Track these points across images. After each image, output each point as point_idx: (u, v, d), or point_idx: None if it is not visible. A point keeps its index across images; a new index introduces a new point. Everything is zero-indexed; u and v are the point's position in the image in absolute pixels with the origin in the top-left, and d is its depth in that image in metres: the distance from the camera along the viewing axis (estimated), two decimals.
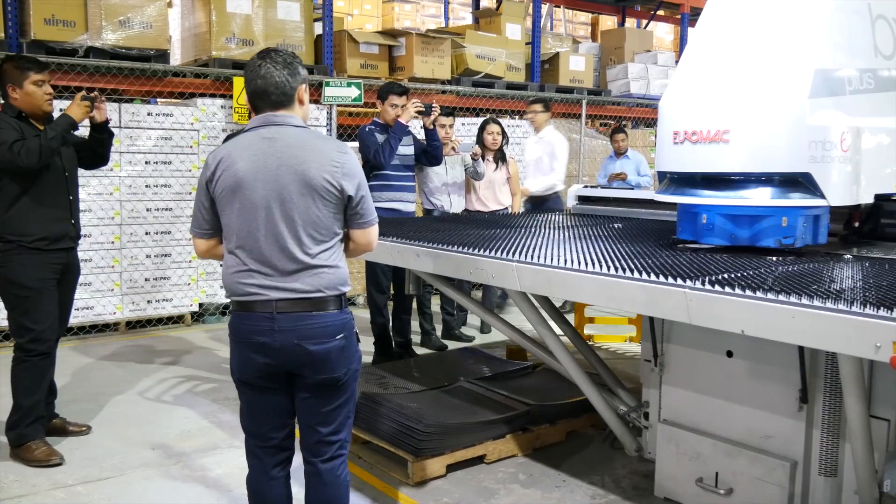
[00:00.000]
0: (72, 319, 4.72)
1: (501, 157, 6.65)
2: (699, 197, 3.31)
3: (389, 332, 5.80)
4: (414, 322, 6.11)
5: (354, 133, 7.78)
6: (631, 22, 13.61)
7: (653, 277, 2.74)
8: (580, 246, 3.60)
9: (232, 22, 7.26)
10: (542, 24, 11.87)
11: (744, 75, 3.24)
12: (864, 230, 3.84)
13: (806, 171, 3.10)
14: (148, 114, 6.85)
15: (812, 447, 3.16)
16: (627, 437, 3.94)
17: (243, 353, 2.61)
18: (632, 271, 2.82)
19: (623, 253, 3.33)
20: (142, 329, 6.97)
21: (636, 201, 5.29)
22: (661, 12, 13.50)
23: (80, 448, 4.21)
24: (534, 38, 10.01)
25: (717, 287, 2.54)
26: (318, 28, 8.13)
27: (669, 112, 3.40)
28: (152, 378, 5.54)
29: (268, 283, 2.55)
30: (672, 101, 3.41)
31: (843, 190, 3.20)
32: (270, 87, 2.59)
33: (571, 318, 6.06)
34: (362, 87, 7.84)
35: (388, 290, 5.76)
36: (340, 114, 8.08)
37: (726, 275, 2.72)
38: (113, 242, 6.73)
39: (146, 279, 6.92)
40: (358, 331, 2.76)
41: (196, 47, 7.50)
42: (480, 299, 6.84)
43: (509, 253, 3.37)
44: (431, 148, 5.77)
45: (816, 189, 3.12)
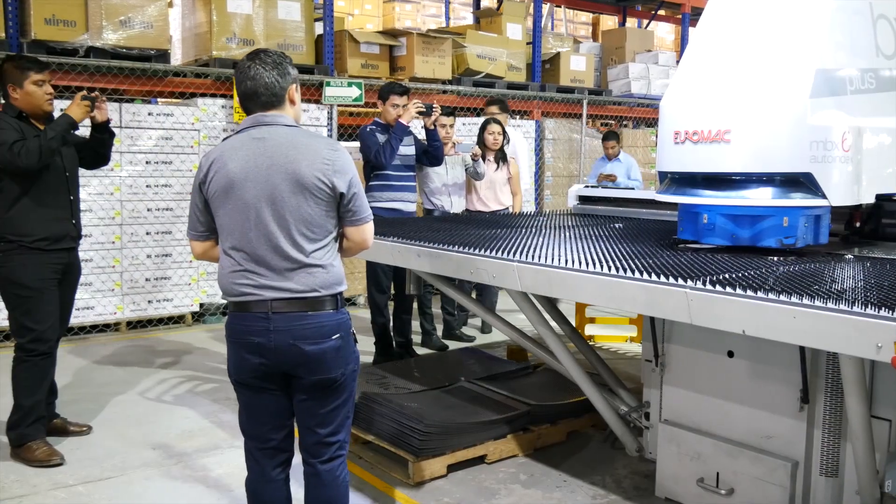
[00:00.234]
0: (72, 319, 4.72)
1: (502, 157, 6.65)
2: (700, 197, 3.31)
3: (390, 332, 5.80)
4: (414, 322, 6.11)
5: (355, 133, 7.78)
6: (632, 22, 13.60)
7: (654, 277, 2.73)
8: (581, 246, 3.60)
9: (232, 22, 7.25)
10: (543, 24, 11.88)
11: (745, 75, 3.24)
12: (865, 230, 3.84)
13: (807, 171, 3.10)
14: (149, 114, 6.85)
15: (813, 447, 3.16)
16: (628, 438, 3.94)
17: (239, 354, 2.61)
18: (633, 271, 2.82)
19: (624, 253, 3.33)
20: (142, 329, 6.97)
21: (637, 201, 5.28)
22: (662, 12, 13.50)
23: (81, 448, 4.21)
24: (534, 38, 10.00)
25: (719, 287, 2.54)
26: (319, 28, 8.12)
27: (670, 112, 3.40)
28: (153, 378, 5.54)
29: (263, 283, 2.54)
30: (673, 101, 3.41)
31: (845, 190, 3.20)
32: (260, 88, 2.58)
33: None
34: (363, 87, 7.85)
35: (389, 290, 5.76)
36: (341, 114, 8.08)
37: (727, 275, 2.72)
38: (113, 242, 6.73)
39: (147, 279, 6.92)
40: (355, 331, 2.75)
41: (197, 47, 7.51)
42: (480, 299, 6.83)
43: (510, 253, 3.36)
44: (432, 148, 5.76)
45: (818, 189, 3.12)
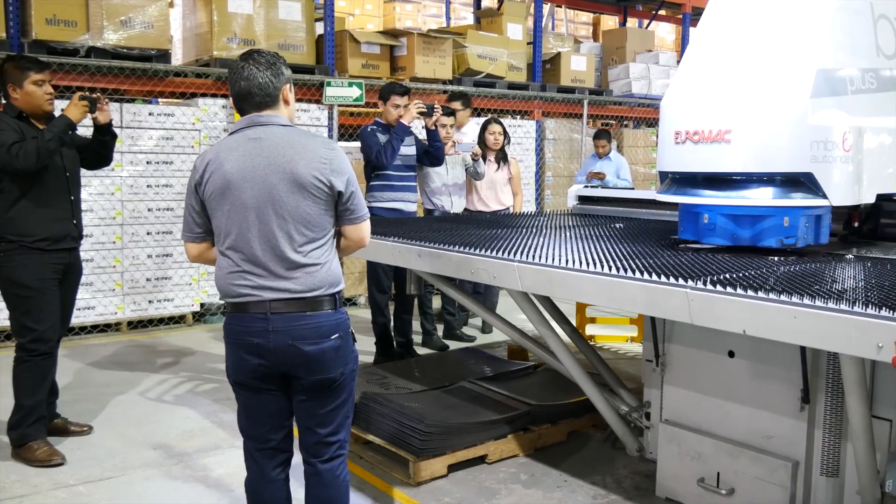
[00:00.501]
0: (73, 319, 4.72)
1: (503, 157, 6.65)
2: (701, 197, 3.31)
3: (391, 332, 5.80)
4: (415, 322, 6.11)
5: (356, 133, 7.78)
6: (632, 22, 13.60)
7: (654, 277, 2.73)
8: (581, 246, 3.60)
9: (233, 22, 7.25)
10: (544, 24, 11.87)
11: (745, 75, 3.24)
12: (864, 230, 3.84)
13: (808, 171, 3.10)
14: (149, 114, 6.85)
15: (814, 447, 3.16)
16: (629, 438, 3.94)
17: (238, 355, 2.61)
18: (633, 271, 2.82)
19: (624, 253, 3.33)
20: (143, 329, 6.97)
21: (637, 201, 5.28)
22: (663, 12, 13.49)
23: (82, 448, 4.21)
24: (535, 38, 9.99)
25: (719, 287, 2.54)
26: (320, 28, 8.12)
27: (671, 112, 3.40)
28: (154, 378, 5.54)
29: (261, 284, 2.54)
30: (674, 101, 3.41)
31: (845, 190, 3.20)
32: (254, 89, 2.57)
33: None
34: (363, 87, 7.85)
35: (390, 290, 5.76)
36: (342, 114, 8.08)
37: (728, 275, 2.72)
38: (114, 242, 6.73)
39: (147, 279, 6.92)
40: (354, 330, 2.75)
41: (197, 47, 7.51)
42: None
43: (510, 253, 3.36)
44: (433, 148, 5.76)
45: (818, 189, 3.12)
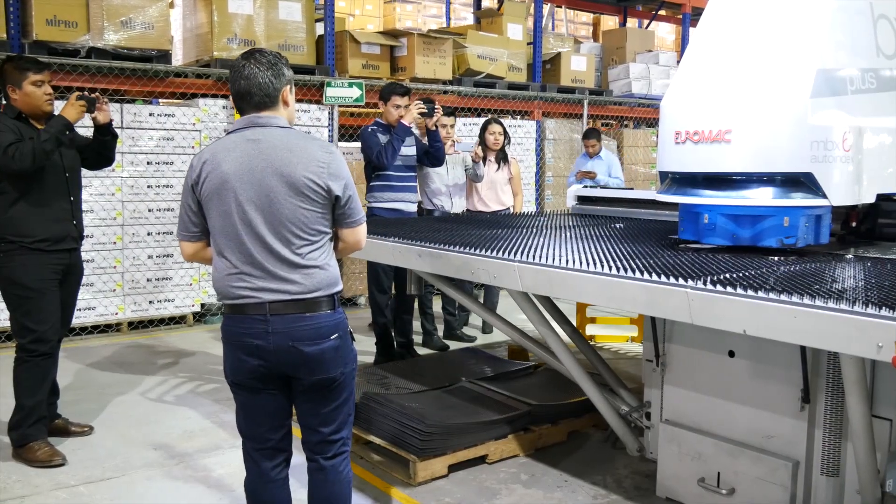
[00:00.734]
0: (74, 320, 4.72)
1: (503, 158, 6.66)
2: (701, 197, 3.31)
3: (391, 333, 5.80)
4: (415, 322, 6.11)
5: (356, 133, 7.79)
6: (632, 22, 13.60)
7: (654, 277, 2.74)
8: (581, 246, 3.60)
9: (233, 22, 7.26)
10: (544, 25, 11.87)
11: (745, 75, 3.24)
12: (862, 230, 3.84)
13: (808, 171, 3.10)
14: (150, 114, 6.85)
15: (814, 447, 3.16)
16: (629, 437, 3.94)
17: (236, 356, 2.60)
18: (633, 271, 2.82)
19: (624, 253, 3.33)
20: (144, 329, 6.97)
21: (637, 201, 5.28)
22: (663, 12, 13.49)
23: (83, 448, 4.21)
24: (535, 39, 10.00)
25: (719, 287, 2.54)
26: (320, 28, 8.13)
27: (671, 112, 3.40)
28: (154, 378, 5.54)
29: (260, 286, 2.53)
30: (674, 101, 3.41)
31: (845, 190, 3.20)
32: (254, 89, 2.56)
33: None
34: (364, 88, 7.85)
35: (390, 291, 5.76)
36: (342, 114, 8.09)
37: (728, 275, 2.72)
38: (115, 243, 6.73)
39: (148, 279, 6.92)
40: (352, 330, 2.76)
41: (198, 48, 7.51)
42: (482, 299, 6.83)
43: (511, 253, 3.37)
44: (433, 149, 5.76)
45: (818, 189, 3.12)
